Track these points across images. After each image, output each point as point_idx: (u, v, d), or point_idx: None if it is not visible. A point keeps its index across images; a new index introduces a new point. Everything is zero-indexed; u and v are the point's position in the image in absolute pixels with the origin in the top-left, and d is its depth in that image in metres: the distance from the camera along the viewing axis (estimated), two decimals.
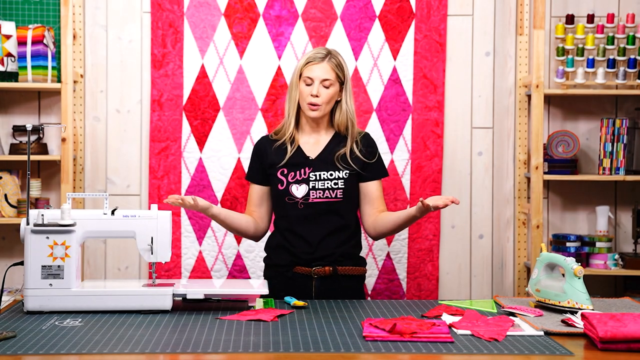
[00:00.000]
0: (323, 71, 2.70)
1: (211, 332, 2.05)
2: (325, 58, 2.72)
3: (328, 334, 2.05)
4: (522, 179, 3.85)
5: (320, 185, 2.70)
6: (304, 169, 2.72)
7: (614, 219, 3.91)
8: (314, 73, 2.70)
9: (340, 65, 2.74)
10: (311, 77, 2.70)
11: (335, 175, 2.72)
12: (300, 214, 2.71)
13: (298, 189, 2.71)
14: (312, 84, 2.70)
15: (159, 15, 3.79)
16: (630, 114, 3.89)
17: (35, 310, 2.26)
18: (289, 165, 2.74)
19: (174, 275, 3.78)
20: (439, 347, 1.91)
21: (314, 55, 2.73)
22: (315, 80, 2.70)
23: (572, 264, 2.27)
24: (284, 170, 2.74)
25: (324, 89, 2.70)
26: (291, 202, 2.72)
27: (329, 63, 2.71)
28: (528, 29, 3.83)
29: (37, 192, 3.68)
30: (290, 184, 2.72)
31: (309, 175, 2.72)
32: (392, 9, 3.81)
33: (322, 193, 2.70)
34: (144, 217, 2.39)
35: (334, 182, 2.71)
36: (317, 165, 2.73)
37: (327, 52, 2.74)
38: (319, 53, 2.73)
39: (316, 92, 2.68)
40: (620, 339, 1.89)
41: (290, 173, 2.73)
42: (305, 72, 2.71)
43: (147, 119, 3.83)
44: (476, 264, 3.90)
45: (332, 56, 2.74)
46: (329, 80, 2.70)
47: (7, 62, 3.69)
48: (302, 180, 2.71)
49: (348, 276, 2.74)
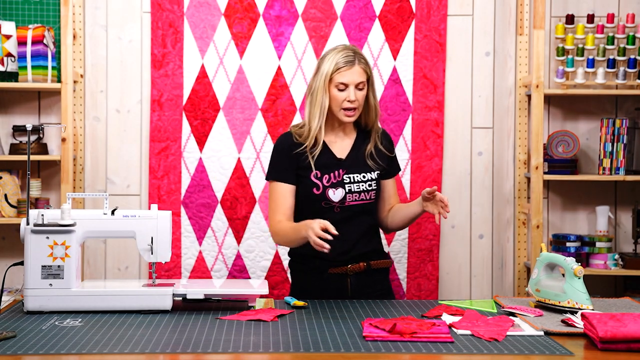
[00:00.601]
0: (356, 75, 2.61)
1: (211, 332, 2.05)
2: (355, 61, 2.62)
3: (328, 334, 2.05)
4: (522, 179, 3.85)
5: (355, 188, 2.66)
6: (337, 171, 2.66)
7: (614, 219, 3.91)
8: (347, 78, 2.60)
9: (367, 63, 2.66)
10: (345, 83, 2.60)
11: (367, 176, 2.69)
12: (336, 217, 2.63)
13: (335, 193, 2.65)
14: (345, 89, 2.61)
15: (159, 15, 3.79)
16: (630, 114, 3.89)
17: (35, 310, 2.26)
18: (321, 167, 2.66)
19: (174, 275, 3.78)
20: (439, 347, 1.91)
21: (344, 60, 2.61)
22: (349, 85, 2.60)
23: (572, 264, 2.27)
24: (317, 173, 2.65)
25: (358, 91, 2.62)
26: (327, 206, 2.65)
27: (360, 65, 2.62)
28: (528, 29, 3.83)
29: (37, 192, 3.68)
30: (326, 188, 2.65)
31: (343, 177, 2.66)
32: (392, 9, 3.81)
33: (357, 196, 2.67)
34: (144, 217, 2.39)
35: (367, 184, 2.68)
36: (350, 167, 2.68)
37: (353, 52, 2.64)
38: (348, 56, 2.62)
39: (353, 97, 2.60)
40: (620, 339, 1.89)
41: (325, 176, 2.65)
42: (338, 78, 2.60)
43: (147, 119, 3.83)
44: (476, 264, 3.90)
45: (360, 56, 2.64)
46: (362, 83, 2.63)
47: (7, 62, 3.69)
48: (337, 184, 2.65)
49: (379, 269, 2.75)
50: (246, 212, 3.80)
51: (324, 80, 2.61)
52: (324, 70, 2.62)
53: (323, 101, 2.62)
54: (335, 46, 2.71)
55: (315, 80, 2.65)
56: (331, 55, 2.64)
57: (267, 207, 3.81)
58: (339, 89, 2.60)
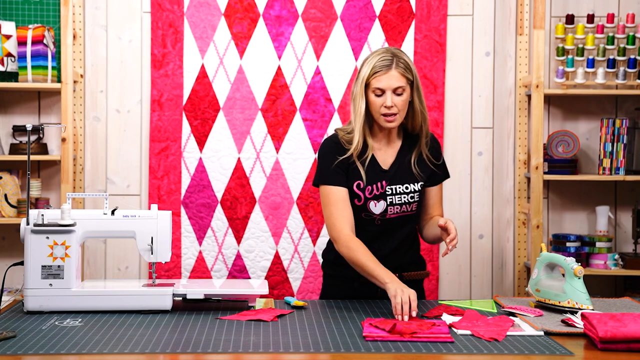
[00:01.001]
0: (393, 80, 2.46)
1: (211, 332, 2.05)
2: (392, 65, 2.46)
3: (328, 334, 2.05)
4: (522, 179, 3.85)
5: (397, 200, 2.55)
6: (380, 183, 2.55)
7: (614, 219, 3.91)
8: (383, 83, 2.46)
9: (408, 67, 2.50)
10: (381, 88, 2.47)
11: (410, 188, 2.57)
12: (375, 229, 2.57)
13: (376, 206, 2.55)
14: (382, 94, 2.47)
15: (159, 15, 3.79)
16: (630, 114, 3.89)
17: (35, 310, 2.26)
18: (365, 177, 2.53)
19: (174, 275, 3.78)
20: (439, 347, 1.91)
21: (380, 64, 2.47)
22: (386, 90, 2.47)
23: (572, 264, 2.27)
24: (360, 183, 2.53)
25: (396, 97, 2.47)
26: (368, 218, 2.56)
27: (397, 69, 2.46)
28: (528, 29, 3.83)
29: (37, 192, 3.68)
30: (368, 200, 2.54)
31: (385, 189, 2.55)
32: (392, 9, 3.81)
33: (399, 208, 2.56)
34: (144, 217, 2.39)
35: (410, 196, 2.57)
36: (393, 178, 2.56)
37: (391, 55, 2.48)
38: (385, 60, 2.47)
39: (390, 103, 2.46)
40: (620, 339, 1.89)
41: (367, 187, 2.53)
42: (374, 83, 2.47)
43: (147, 119, 3.83)
44: (476, 264, 3.90)
45: (398, 59, 2.48)
46: (400, 87, 2.47)
47: (7, 62, 3.69)
48: (379, 196, 2.54)
49: (413, 280, 2.64)
50: (246, 212, 3.80)
51: (361, 86, 2.50)
52: (362, 75, 2.50)
53: (360, 107, 2.51)
54: (376, 49, 2.59)
55: (354, 85, 2.54)
56: (370, 58, 2.51)
57: (267, 207, 3.81)
58: (376, 94, 2.48)
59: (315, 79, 3.81)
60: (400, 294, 2.20)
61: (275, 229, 3.82)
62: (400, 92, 2.48)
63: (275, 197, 3.82)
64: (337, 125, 3.81)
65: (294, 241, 3.82)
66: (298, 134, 3.82)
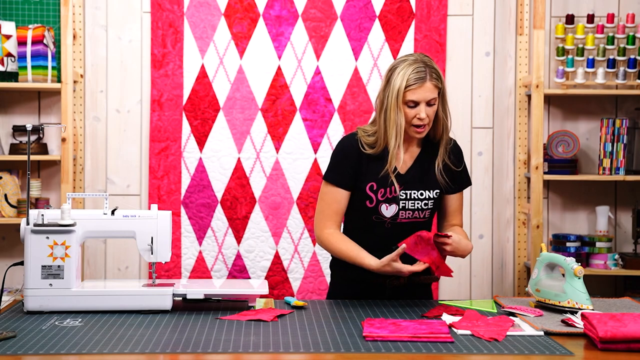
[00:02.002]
0: (427, 92, 2.43)
1: (211, 332, 2.05)
2: (426, 77, 2.43)
3: (328, 334, 2.05)
4: (522, 179, 3.85)
5: (410, 205, 2.52)
6: (394, 186, 2.50)
7: (614, 219, 3.91)
8: (417, 96, 2.43)
9: (439, 76, 2.48)
10: (416, 101, 2.43)
11: (425, 195, 2.54)
12: (385, 232, 2.54)
13: (387, 209, 2.52)
14: (416, 106, 2.44)
15: (159, 15, 3.79)
16: (630, 114, 3.89)
17: (35, 310, 2.26)
18: (379, 180, 2.50)
19: (174, 275, 3.78)
20: (438, 347, 1.91)
21: (414, 76, 2.43)
22: (420, 102, 2.43)
23: (572, 264, 2.27)
24: (373, 185, 2.51)
25: (428, 107, 2.45)
26: (378, 220, 2.53)
27: (432, 81, 2.44)
28: (528, 29, 3.83)
29: (37, 192, 3.68)
30: (380, 203, 2.51)
31: (399, 193, 2.51)
32: (392, 9, 3.81)
33: (411, 213, 2.53)
34: (144, 217, 2.39)
35: (423, 203, 2.53)
36: (408, 183, 2.52)
37: (424, 67, 2.45)
38: (420, 72, 2.43)
39: (424, 115, 2.43)
40: (620, 339, 1.89)
41: (380, 190, 2.50)
42: (408, 96, 2.42)
43: (147, 119, 3.83)
44: (476, 264, 3.90)
45: (431, 69, 2.45)
46: (434, 99, 2.46)
47: (7, 62, 3.69)
48: (391, 199, 2.51)
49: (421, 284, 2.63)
50: (246, 212, 3.80)
51: (396, 97, 2.43)
52: (395, 86, 2.43)
53: (398, 120, 2.44)
54: (404, 57, 2.50)
55: (386, 96, 2.47)
56: (402, 69, 2.44)
57: (267, 207, 3.81)
58: (409, 106, 2.44)
59: (315, 79, 3.81)
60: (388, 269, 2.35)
61: (275, 229, 3.82)
62: (433, 102, 2.46)
63: (275, 197, 3.82)
64: (337, 125, 3.81)
65: (294, 241, 3.82)
66: (298, 134, 3.82)
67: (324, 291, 3.80)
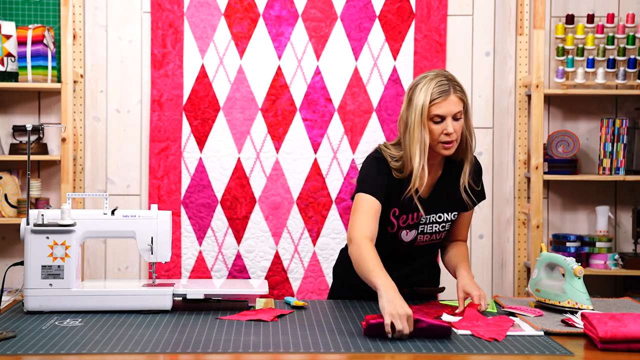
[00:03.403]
0: (453, 105, 2.34)
1: (211, 332, 2.05)
2: (450, 90, 2.34)
3: (328, 334, 2.05)
4: (522, 179, 3.85)
5: (428, 229, 2.48)
6: (417, 213, 2.44)
7: (614, 219, 3.91)
8: (443, 110, 2.33)
9: (463, 89, 2.39)
10: (441, 115, 2.34)
11: (443, 217, 2.49)
12: (400, 252, 2.51)
13: (407, 234, 2.47)
14: (441, 121, 2.34)
15: (159, 15, 3.79)
16: (630, 114, 3.89)
17: (35, 310, 2.26)
18: (402, 205, 2.43)
19: (174, 275, 3.78)
20: (439, 347, 1.91)
21: (438, 89, 2.34)
22: (446, 116, 2.34)
23: (572, 264, 2.27)
24: (396, 211, 2.43)
25: (455, 122, 2.36)
26: (395, 243, 2.48)
27: (456, 93, 2.35)
28: (528, 29, 3.83)
29: (37, 192, 3.68)
30: (401, 229, 2.45)
31: (420, 219, 2.46)
32: (392, 9, 3.81)
33: (429, 237, 2.50)
34: (144, 217, 2.39)
35: (441, 226, 2.49)
36: (429, 208, 2.45)
37: (447, 80, 2.36)
38: (443, 85, 2.35)
39: (451, 129, 2.34)
40: (620, 339, 1.89)
41: (402, 216, 2.44)
42: (433, 110, 2.33)
43: (147, 119, 3.83)
44: (476, 264, 3.90)
45: (454, 83, 2.37)
46: (459, 112, 2.36)
47: (7, 62, 3.69)
48: (412, 225, 2.46)
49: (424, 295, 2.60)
50: (246, 212, 3.80)
51: (421, 114, 2.34)
52: (419, 102, 2.34)
53: (423, 138, 2.35)
54: (424, 74, 2.42)
55: (409, 114, 2.37)
56: (423, 84, 2.36)
57: (267, 207, 3.81)
58: (435, 122, 2.35)
59: (315, 79, 3.81)
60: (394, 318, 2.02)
61: (275, 229, 3.82)
62: (459, 116, 2.37)
63: (275, 197, 3.82)
64: (337, 125, 3.81)
65: (294, 241, 3.82)
66: (298, 134, 3.82)
67: (324, 291, 3.80)
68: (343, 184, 3.83)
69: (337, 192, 3.83)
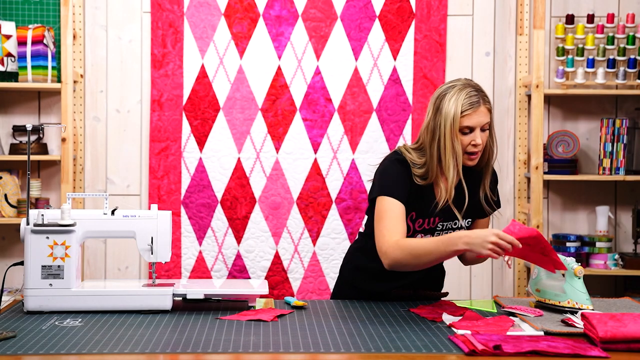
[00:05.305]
0: (482, 116, 2.33)
1: (211, 332, 2.05)
2: (480, 101, 2.33)
3: (328, 334, 2.05)
4: (522, 179, 3.85)
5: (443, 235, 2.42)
6: (433, 219, 2.43)
7: (614, 219, 3.91)
8: (473, 121, 2.32)
9: (489, 101, 2.39)
10: (471, 126, 2.33)
11: (458, 224, 2.48)
12: None
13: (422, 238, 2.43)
14: (470, 132, 2.34)
15: (159, 15, 3.79)
16: (630, 114, 3.89)
17: (35, 310, 2.26)
18: (420, 210, 2.41)
19: (174, 275, 3.78)
20: (438, 347, 1.91)
21: (469, 101, 2.32)
22: (476, 128, 2.33)
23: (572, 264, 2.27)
24: (413, 214, 2.41)
25: (482, 133, 2.35)
26: None
27: (485, 105, 2.34)
28: (528, 29, 3.83)
29: (37, 192, 3.68)
30: (416, 233, 2.44)
31: (437, 225, 2.45)
32: (392, 9, 3.81)
33: None
34: (144, 217, 2.39)
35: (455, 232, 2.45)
36: (446, 215, 2.44)
37: (476, 91, 2.35)
38: (473, 97, 2.33)
39: (480, 141, 2.33)
40: (620, 339, 1.89)
41: (419, 220, 2.42)
42: (463, 122, 2.32)
43: (147, 119, 3.83)
44: (476, 264, 3.89)
45: (483, 94, 2.36)
46: (487, 123, 2.36)
47: (7, 62, 3.69)
48: (428, 230, 2.45)
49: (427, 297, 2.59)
50: (246, 212, 3.81)
51: (451, 125, 2.32)
52: (449, 112, 2.32)
53: (456, 148, 2.33)
54: (450, 83, 2.40)
55: (438, 124, 2.35)
56: (453, 94, 2.34)
57: (267, 207, 3.81)
58: (464, 133, 2.34)
59: (315, 79, 3.81)
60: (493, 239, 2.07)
61: (275, 229, 3.82)
62: (486, 127, 2.36)
63: (275, 197, 3.82)
64: (337, 125, 3.81)
65: (294, 241, 3.82)
66: (298, 134, 3.82)
67: (324, 291, 3.80)
68: (343, 184, 3.83)
69: (337, 192, 3.83)
